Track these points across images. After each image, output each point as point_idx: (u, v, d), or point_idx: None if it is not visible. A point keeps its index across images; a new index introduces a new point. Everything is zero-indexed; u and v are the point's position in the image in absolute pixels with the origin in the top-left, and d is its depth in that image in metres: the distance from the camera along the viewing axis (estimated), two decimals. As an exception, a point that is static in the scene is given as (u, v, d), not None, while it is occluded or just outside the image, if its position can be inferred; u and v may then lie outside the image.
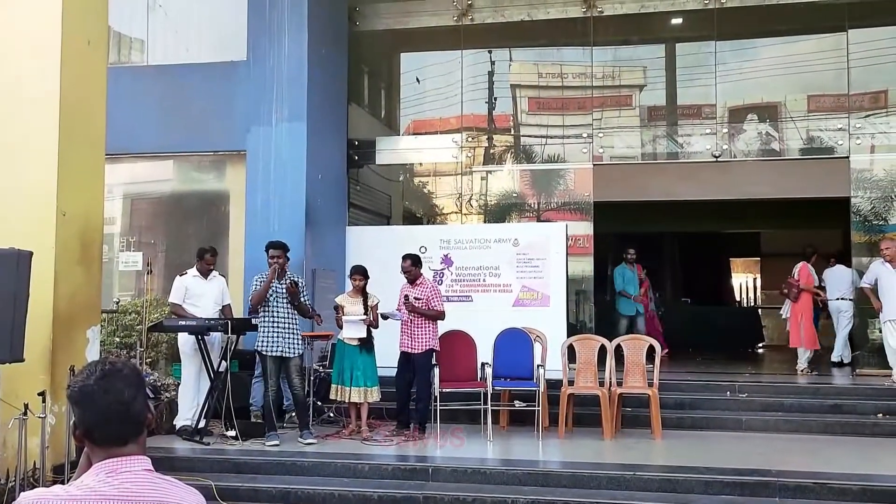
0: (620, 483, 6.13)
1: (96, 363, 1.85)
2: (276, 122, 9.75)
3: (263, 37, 9.88)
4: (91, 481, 1.74)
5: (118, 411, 1.78)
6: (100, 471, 1.75)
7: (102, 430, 1.78)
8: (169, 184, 11.09)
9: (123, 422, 1.79)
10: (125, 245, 10.75)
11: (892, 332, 8.94)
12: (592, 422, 7.68)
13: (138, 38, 11.19)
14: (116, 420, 1.78)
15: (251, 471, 6.65)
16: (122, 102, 8.96)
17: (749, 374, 10.05)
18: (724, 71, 11.03)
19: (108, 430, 1.78)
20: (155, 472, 1.81)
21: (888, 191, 10.53)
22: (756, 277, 19.63)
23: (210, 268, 8.04)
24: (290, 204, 9.61)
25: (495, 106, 11.95)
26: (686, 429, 7.98)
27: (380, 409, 8.04)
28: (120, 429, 1.78)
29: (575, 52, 11.64)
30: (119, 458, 1.77)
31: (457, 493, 6.03)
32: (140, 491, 1.75)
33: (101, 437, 1.78)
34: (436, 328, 7.78)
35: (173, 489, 1.81)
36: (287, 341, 7.32)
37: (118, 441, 1.78)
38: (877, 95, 10.75)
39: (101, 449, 1.78)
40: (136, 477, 1.76)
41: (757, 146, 10.97)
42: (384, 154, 11.86)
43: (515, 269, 10.39)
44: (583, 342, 8.16)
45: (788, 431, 7.87)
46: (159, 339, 8.85)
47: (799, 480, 6.01)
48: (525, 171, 11.81)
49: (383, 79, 12.84)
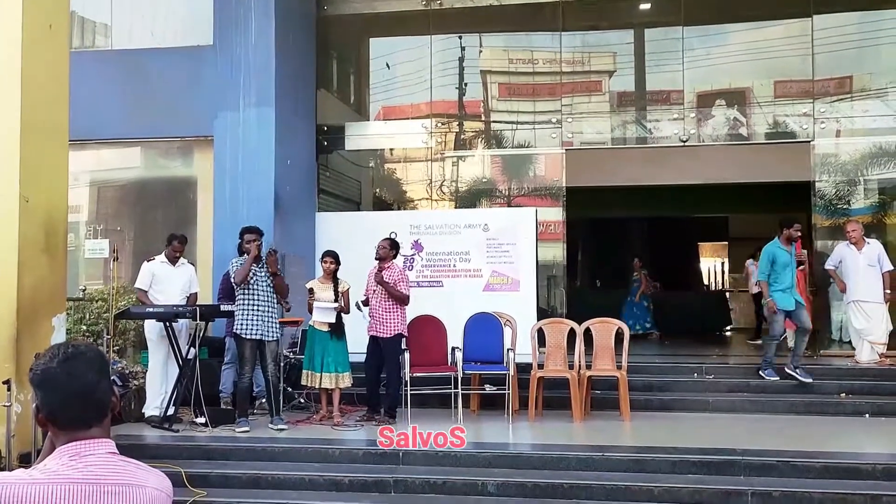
0: (590, 464, 6.20)
1: (59, 346, 1.83)
2: (243, 107, 9.66)
3: (230, 21, 9.77)
4: (55, 465, 1.73)
5: (81, 394, 1.77)
6: (63, 454, 1.74)
7: (65, 414, 1.76)
8: (135, 170, 10.95)
9: (87, 405, 1.77)
10: (91, 233, 10.62)
11: (855, 313, 9.10)
12: (562, 404, 7.75)
13: (102, 22, 11.02)
14: (79, 403, 1.77)
15: (221, 457, 6.63)
16: (86, 88, 8.82)
17: (716, 357, 10.20)
18: (692, 57, 11.10)
19: (71, 413, 1.76)
20: (119, 454, 1.81)
21: (852, 175, 10.69)
22: (724, 261, 19.87)
23: (178, 255, 7.96)
24: (258, 190, 9.54)
25: (465, 92, 11.93)
26: (654, 410, 8.09)
27: (351, 395, 8.04)
28: (83, 412, 1.77)
29: (544, 37, 11.64)
30: (83, 441, 1.76)
31: (427, 476, 6.07)
32: (105, 474, 1.74)
33: (64, 421, 1.77)
34: (404, 313, 7.79)
35: (139, 472, 1.80)
36: (266, 325, 7.30)
37: (82, 424, 1.77)
38: (841, 81, 10.88)
39: (64, 433, 1.77)
40: (101, 460, 1.75)
41: (724, 131, 11.07)
42: (354, 140, 11.81)
43: (485, 255, 10.42)
44: (552, 326, 8.21)
45: (754, 412, 8.00)
46: (127, 326, 8.78)
47: (764, 459, 6.12)
48: (495, 156, 11.82)
49: (352, 64, 12.76)
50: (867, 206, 10.80)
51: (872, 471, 5.89)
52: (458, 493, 5.94)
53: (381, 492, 6.01)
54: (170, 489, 1.86)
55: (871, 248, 9.11)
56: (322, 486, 6.11)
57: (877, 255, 9.07)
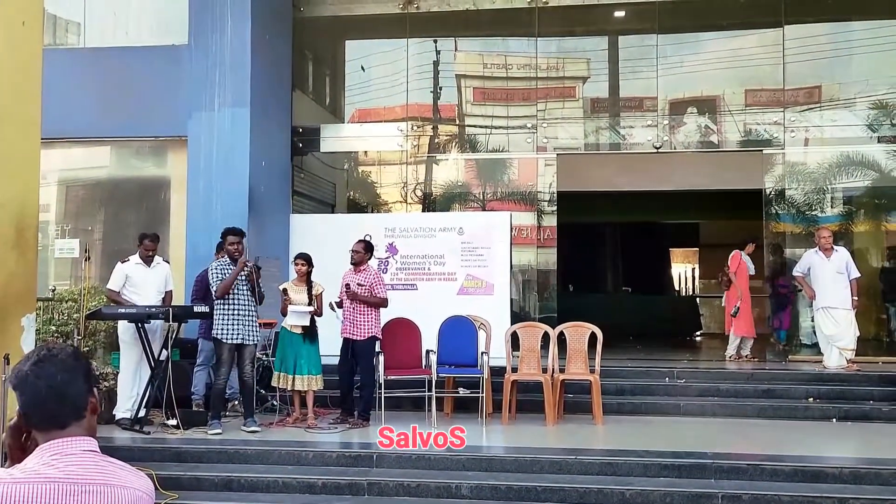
0: (563, 467, 6.24)
1: (35, 350, 1.89)
2: (218, 107, 9.60)
3: (206, 21, 9.71)
4: (34, 464, 1.73)
5: (49, 395, 1.79)
6: (43, 453, 1.75)
7: (38, 414, 1.80)
8: (106, 169, 10.84)
9: (59, 405, 1.79)
10: (60, 232, 10.48)
11: (824, 319, 9.24)
12: (535, 408, 7.79)
13: (75, 20, 10.90)
14: (51, 403, 1.79)
15: (193, 459, 6.58)
16: (59, 86, 8.71)
17: (687, 361, 10.31)
18: (666, 64, 11.22)
19: (43, 413, 1.79)
20: (100, 453, 1.80)
21: (820, 182, 10.86)
22: (694, 267, 20.08)
23: (150, 254, 7.87)
24: (233, 191, 9.48)
25: (440, 95, 11.96)
26: (626, 414, 8.15)
27: (324, 398, 8.02)
28: (56, 412, 1.79)
29: (520, 42, 11.72)
30: (61, 439, 1.76)
31: (401, 479, 6.07)
32: (85, 473, 1.73)
33: (38, 421, 1.80)
34: (378, 315, 7.78)
35: (119, 471, 1.79)
36: (246, 329, 7.28)
37: (55, 424, 1.79)
38: (811, 91, 11.06)
39: (41, 432, 1.79)
40: (81, 459, 1.75)
41: (696, 138, 11.21)
42: (329, 142, 11.78)
43: (460, 258, 10.44)
44: (526, 329, 8.25)
45: (724, 416, 8.08)
46: (97, 327, 8.66)
47: (734, 462, 6.21)
48: (470, 160, 11.87)
49: (328, 66, 12.73)
50: (835, 215, 10.99)
51: (840, 474, 5.98)
52: (431, 496, 5.94)
53: (355, 494, 6.00)
54: (151, 490, 1.86)
55: (838, 255, 9.27)
56: (295, 489, 6.08)
57: (844, 263, 9.22)
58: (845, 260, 9.24)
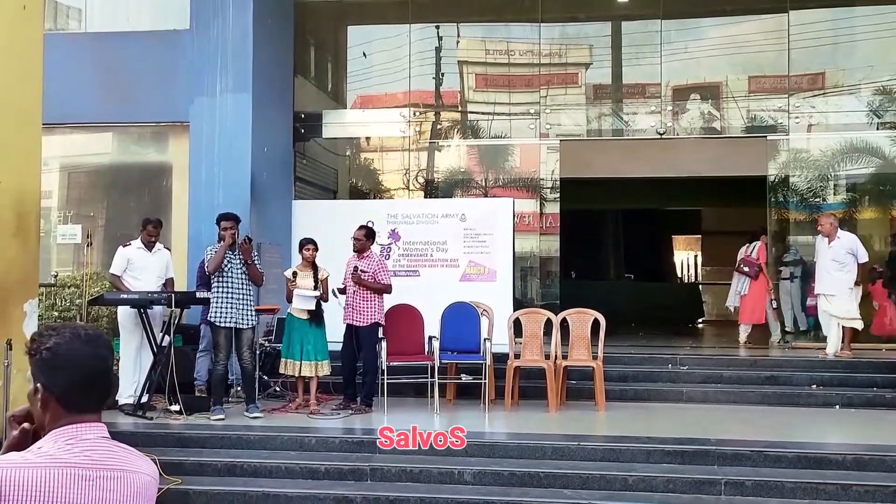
0: (565, 453, 6.24)
1: (67, 327, 1.79)
2: (220, 92, 9.55)
3: (207, 5, 9.65)
4: (49, 448, 1.70)
5: (103, 377, 1.76)
6: (58, 437, 1.72)
7: (83, 394, 1.74)
8: (108, 155, 10.82)
9: (103, 387, 1.77)
10: (63, 218, 10.46)
11: (823, 303, 9.20)
12: (538, 394, 7.78)
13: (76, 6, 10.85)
14: (99, 384, 1.76)
15: (196, 445, 6.58)
16: (60, 71, 8.66)
17: (689, 348, 10.30)
18: (669, 50, 11.16)
19: (89, 394, 1.75)
20: (111, 439, 1.79)
21: (824, 169, 10.82)
22: (697, 254, 20.05)
23: (152, 239, 7.86)
24: (234, 177, 9.45)
25: (443, 81, 11.90)
26: (629, 400, 8.15)
27: (326, 384, 8.02)
28: (100, 394, 1.77)
29: (523, 28, 11.64)
30: (77, 424, 1.73)
31: (404, 465, 6.07)
32: (101, 459, 1.72)
33: (78, 402, 1.74)
34: (381, 301, 7.77)
35: (131, 457, 1.80)
36: (241, 312, 7.26)
37: (95, 406, 1.76)
38: (815, 77, 11.01)
39: (70, 414, 1.73)
40: (96, 445, 1.74)
41: (700, 125, 11.16)
42: (331, 128, 11.74)
43: (463, 244, 10.41)
44: (529, 316, 8.24)
45: (727, 402, 8.08)
46: (100, 313, 8.67)
47: (737, 448, 6.21)
48: (473, 146, 11.83)
49: (330, 51, 12.67)
50: (839, 202, 10.94)
51: (843, 460, 5.99)
52: (434, 482, 5.95)
53: (358, 480, 6.01)
54: (157, 474, 1.86)
55: (840, 242, 9.12)
56: (298, 475, 6.09)
57: (846, 249, 9.10)
58: (847, 247, 9.11)
